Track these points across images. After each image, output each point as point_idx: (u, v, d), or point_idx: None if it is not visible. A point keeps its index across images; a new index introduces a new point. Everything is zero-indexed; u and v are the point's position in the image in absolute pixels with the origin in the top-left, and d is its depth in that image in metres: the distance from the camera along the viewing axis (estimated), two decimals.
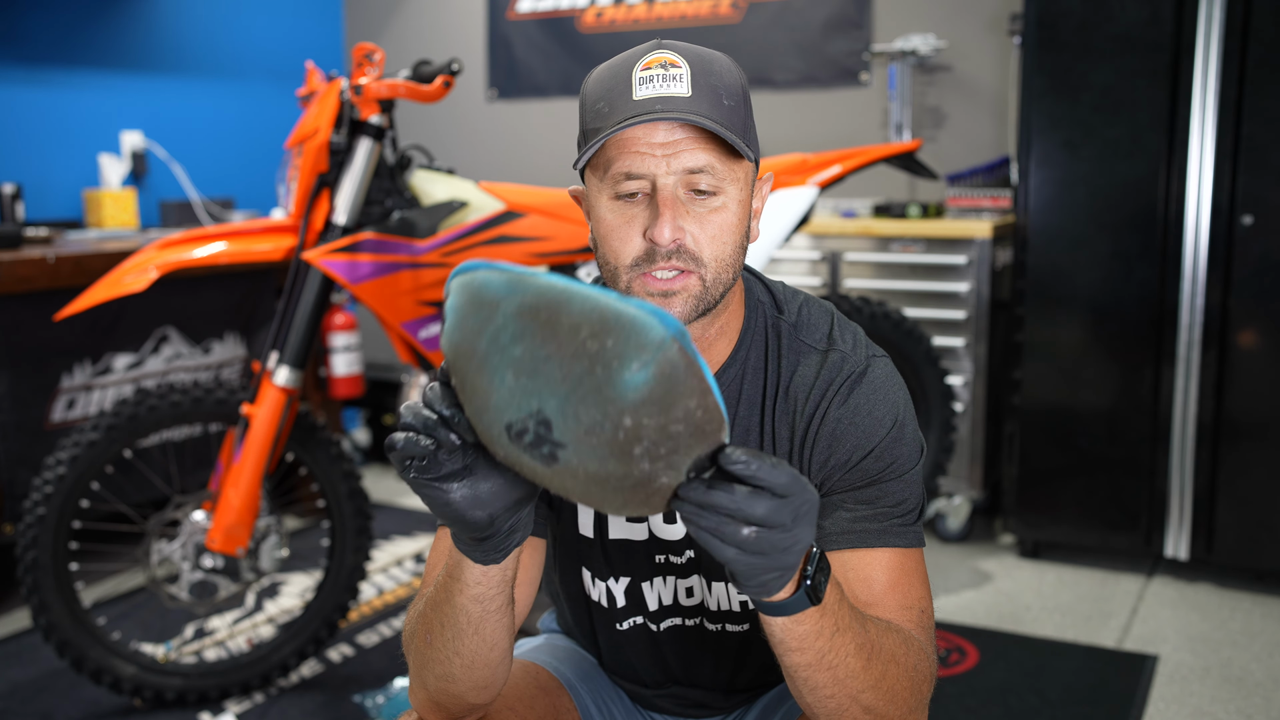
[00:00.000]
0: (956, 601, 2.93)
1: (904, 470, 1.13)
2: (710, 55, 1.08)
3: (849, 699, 0.98)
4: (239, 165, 4.17)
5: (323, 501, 2.50)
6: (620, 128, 1.02)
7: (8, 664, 2.63)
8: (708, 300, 1.08)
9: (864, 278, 3.41)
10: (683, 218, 1.05)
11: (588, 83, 1.10)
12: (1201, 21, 2.82)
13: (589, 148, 1.05)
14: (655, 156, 1.04)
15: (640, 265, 1.07)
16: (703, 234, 1.06)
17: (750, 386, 1.18)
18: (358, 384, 3.43)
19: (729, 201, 1.07)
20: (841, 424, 1.13)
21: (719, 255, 1.07)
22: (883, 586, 1.10)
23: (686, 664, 1.30)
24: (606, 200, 1.08)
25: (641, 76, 1.04)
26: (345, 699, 2.44)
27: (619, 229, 1.07)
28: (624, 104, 1.04)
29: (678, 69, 1.04)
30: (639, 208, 1.06)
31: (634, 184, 1.05)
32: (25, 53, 3.56)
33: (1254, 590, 2.99)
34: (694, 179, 1.05)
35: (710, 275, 1.07)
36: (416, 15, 4.64)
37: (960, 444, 3.34)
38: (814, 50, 3.91)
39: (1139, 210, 2.95)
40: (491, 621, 1.04)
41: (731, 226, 1.07)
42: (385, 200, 2.40)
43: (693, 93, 1.04)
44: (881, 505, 1.12)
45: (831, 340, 1.18)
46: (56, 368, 2.95)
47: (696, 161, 1.04)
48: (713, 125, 1.02)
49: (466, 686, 1.08)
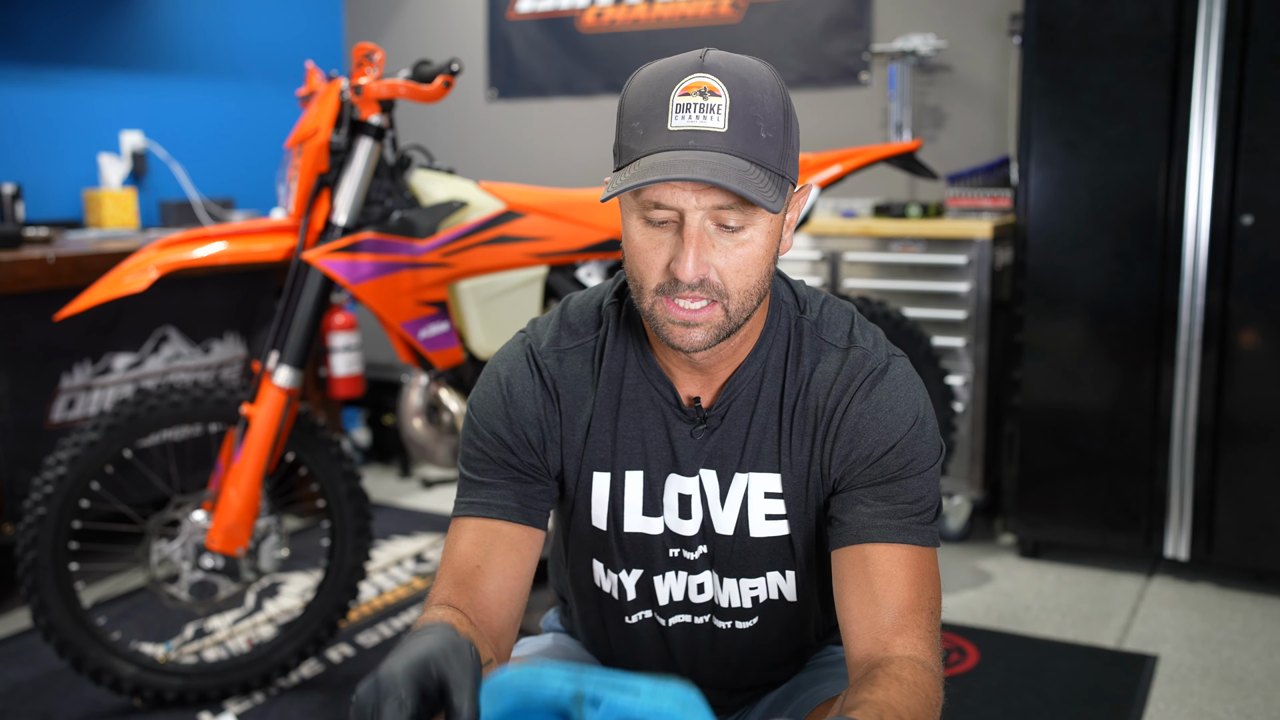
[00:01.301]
0: (956, 601, 2.93)
1: (924, 468, 1.15)
2: (753, 78, 1.05)
3: None
4: (239, 165, 4.17)
5: (323, 501, 2.50)
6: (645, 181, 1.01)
7: (8, 664, 2.63)
8: (730, 328, 1.10)
9: (864, 278, 3.41)
10: (708, 253, 1.06)
11: (627, 91, 1.09)
12: (1201, 21, 2.82)
13: (618, 189, 1.04)
14: (685, 192, 1.04)
15: (664, 291, 1.08)
16: (728, 267, 1.07)
17: (770, 384, 1.19)
18: (358, 384, 3.43)
19: (756, 234, 1.07)
20: (864, 419, 1.15)
21: (743, 287, 1.08)
22: (900, 584, 1.11)
23: (693, 661, 1.30)
24: (636, 221, 1.09)
25: (679, 103, 1.03)
26: (345, 699, 2.44)
27: (646, 253, 1.08)
28: (658, 132, 1.04)
29: (717, 98, 1.03)
30: (667, 234, 1.07)
31: (662, 213, 1.06)
32: (25, 52, 3.56)
33: (1254, 590, 2.99)
34: (722, 215, 1.05)
35: (734, 306, 1.08)
36: (416, 15, 4.64)
37: (960, 444, 3.34)
38: (814, 50, 3.91)
39: (1139, 210, 2.95)
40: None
41: (758, 259, 1.08)
42: (385, 200, 2.40)
43: (729, 127, 1.03)
44: (900, 502, 1.13)
45: (853, 338, 1.19)
46: (56, 368, 2.95)
47: (725, 200, 1.04)
48: (740, 186, 1.01)
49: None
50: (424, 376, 2.60)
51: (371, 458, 4.34)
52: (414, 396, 2.66)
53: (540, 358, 1.22)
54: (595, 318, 1.23)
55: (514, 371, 1.22)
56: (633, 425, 1.20)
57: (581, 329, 1.23)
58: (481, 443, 1.21)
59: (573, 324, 1.24)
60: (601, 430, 1.21)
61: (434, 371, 2.53)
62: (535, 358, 1.22)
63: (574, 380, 1.21)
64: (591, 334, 1.22)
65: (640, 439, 1.20)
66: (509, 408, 1.21)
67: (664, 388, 1.19)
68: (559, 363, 1.22)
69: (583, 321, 1.23)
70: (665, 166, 1.01)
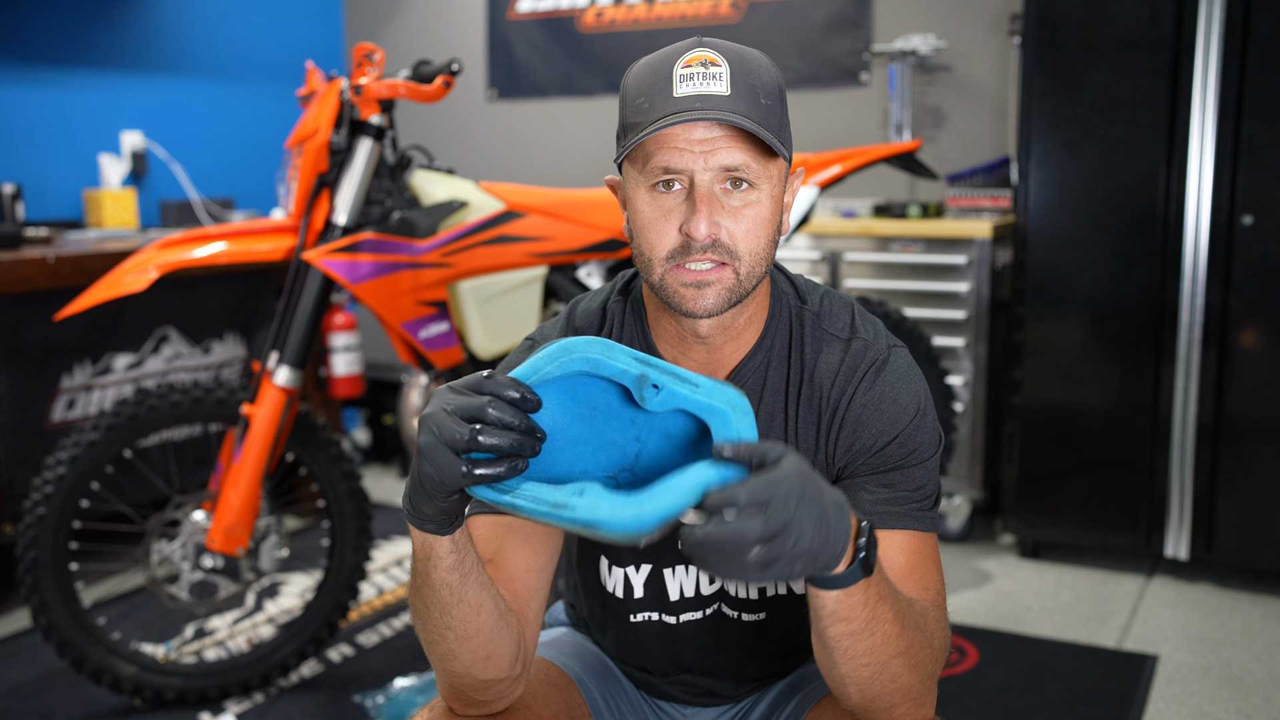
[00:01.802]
0: (956, 601, 2.93)
1: (924, 457, 1.17)
2: (749, 54, 1.11)
3: (881, 666, 1.02)
4: (239, 165, 4.17)
5: (323, 501, 2.50)
6: (660, 126, 1.05)
7: (8, 664, 2.63)
8: (740, 292, 1.12)
9: (864, 278, 3.41)
10: (718, 213, 1.08)
11: (628, 77, 1.13)
12: (1201, 21, 2.82)
13: (630, 143, 1.08)
14: (693, 153, 1.07)
15: (675, 257, 1.10)
16: (738, 228, 1.09)
17: (775, 373, 1.21)
18: (358, 384, 3.43)
19: (763, 197, 1.10)
20: (867, 410, 1.17)
21: (753, 249, 1.10)
22: (901, 568, 1.13)
23: (700, 653, 1.31)
24: (644, 193, 1.11)
25: (682, 74, 1.07)
26: (345, 699, 2.44)
27: (656, 221, 1.10)
28: (664, 101, 1.07)
29: (717, 67, 1.07)
30: (676, 200, 1.09)
31: (671, 178, 1.09)
32: (25, 53, 3.56)
33: (1254, 590, 2.99)
34: (730, 175, 1.08)
35: (744, 269, 1.11)
36: (416, 15, 4.65)
37: (960, 444, 3.34)
38: (814, 50, 3.91)
39: (1139, 210, 2.95)
40: (471, 584, 1.06)
41: (765, 221, 1.11)
42: (385, 200, 2.40)
43: (731, 91, 1.07)
44: (902, 489, 1.16)
45: (854, 329, 1.21)
46: (56, 368, 2.95)
47: (733, 159, 1.07)
48: (750, 125, 1.05)
49: (469, 660, 1.10)
50: (424, 376, 2.61)
51: (371, 458, 4.34)
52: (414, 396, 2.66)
53: None
54: (600, 318, 1.26)
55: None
56: None
57: (588, 330, 1.25)
58: None
59: (579, 326, 1.26)
60: None
61: (434, 371, 2.53)
62: None
63: None
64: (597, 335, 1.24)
65: None
66: None
67: None
68: None
69: (588, 323, 1.26)
70: (678, 119, 1.05)
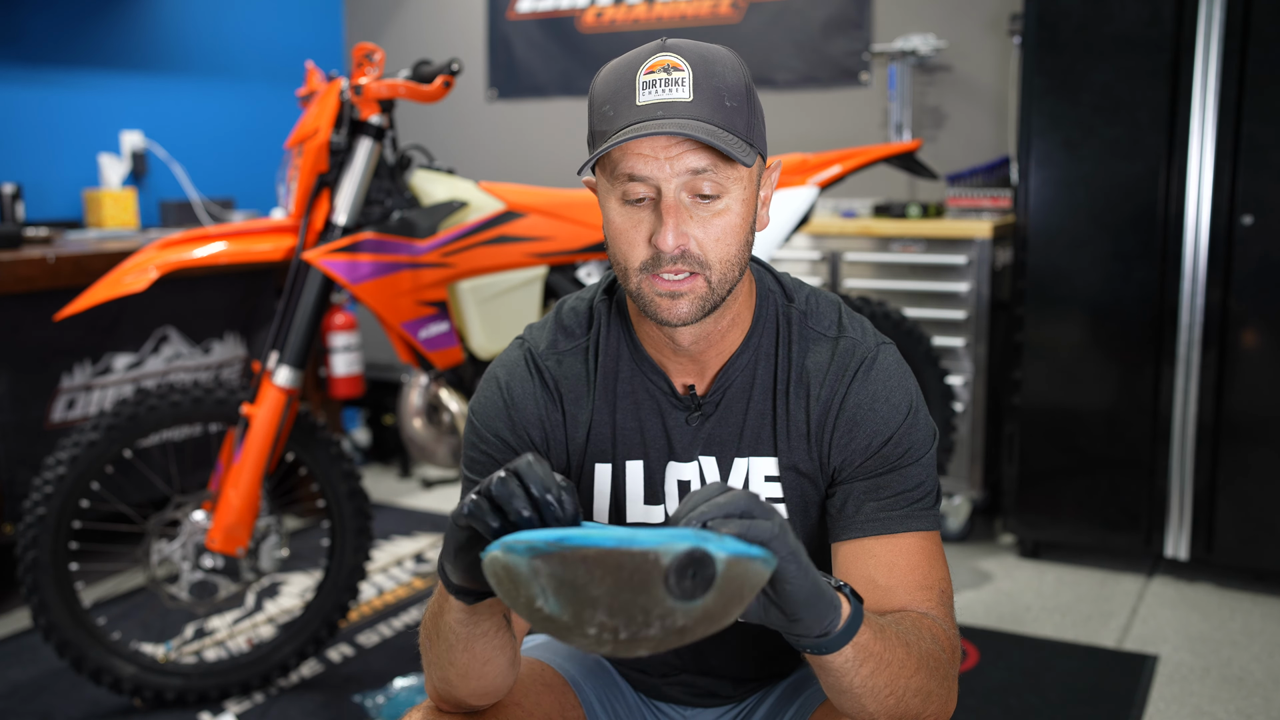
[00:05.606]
0: (957, 601, 2.92)
1: (920, 455, 1.17)
2: (713, 55, 1.10)
3: (903, 688, 1.02)
4: (239, 165, 4.17)
5: (323, 501, 2.50)
6: (622, 138, 1.05)
7: (8, 664, 2.63)
8: (714, 299, 1.12)
9: (864, 278, 3.41)
10: (686, 223, 1.08)
11: (595, 83, 1.13)
12: (1201, 21, 2.82)
13: (593, 155, 1.09)
14: (658, 160, 1.07)
15: (648, 268, 1.10)
16: (707, 237, 1.09)
17: (763, 371, 1.21)
18: (358, 384, 3.43)
19: (732, 203, 1.10)
20: (860, 410, 1.17)
21: (724, 256, 1.10)
22: (905, 570, 1.13)
23: (699, 653, 1.31)
24: (615, 203, 1.11)
25: (645, 81, 1.07)
26: (345, 699, 2.44)
27: (627, 233, 1.11)
28: (628, 109, 1.07)
29: (680, 72, 1.07)
30: (645, 212, 1.10)
31: (639, 186, 1.08)
32: (25, 53, 3.56)
33: (1254, 590, 2.99)
34: (697, 182, 1.08)
35: (716, 276, 1.11)
36: (416, 15, 4.64)
37: (960, 444, 3.34)
38: (814, 50, 3.91)
39: (1139, 210, 2.95)
40: (482, 643, 1.06)
41: (735, 228, 1.10)
42: (385, 200, 2.40)
43: (694, 97, 1.06)
44: (900, 490, 1.16)
45: (842, 328, 1.22)
46: (56, 368, 2.95)
47: (699, 163, 1.07)
48: (710, 137, 1.04)
49: (464, 693, 1.12)
50: (424, 376, 2.60)
51: (371, 458, 4.34)
52: (414, 396, 2.66)
53: (541, 360, 1.24)
54: (587, 317, 1.26)
55: (513, 376, 1.24)
56: (630, 417, 1.22)
57: (576, 330, 1.26)
58: (485, 445, 1.23)
59: (568, 326, 1.26)
60: (602, 425, 1.23)
61: (434, 371, 2.53)
62: (535, 361, 1.24)
63: (574, 380, 1.23)
64: (585, 334, 1.25)
65: (639, 429, 1.22)
66: (511, 410, 1.23)
67: (658, 378, 1.21)
68: (559, 364, 1.24)
69: (576, 323, 1.26)
70: (637, 131, 1.05)
